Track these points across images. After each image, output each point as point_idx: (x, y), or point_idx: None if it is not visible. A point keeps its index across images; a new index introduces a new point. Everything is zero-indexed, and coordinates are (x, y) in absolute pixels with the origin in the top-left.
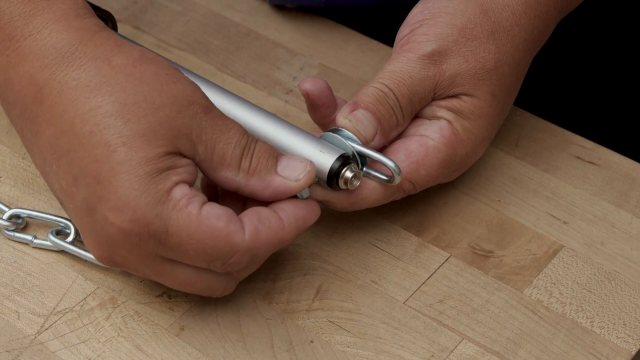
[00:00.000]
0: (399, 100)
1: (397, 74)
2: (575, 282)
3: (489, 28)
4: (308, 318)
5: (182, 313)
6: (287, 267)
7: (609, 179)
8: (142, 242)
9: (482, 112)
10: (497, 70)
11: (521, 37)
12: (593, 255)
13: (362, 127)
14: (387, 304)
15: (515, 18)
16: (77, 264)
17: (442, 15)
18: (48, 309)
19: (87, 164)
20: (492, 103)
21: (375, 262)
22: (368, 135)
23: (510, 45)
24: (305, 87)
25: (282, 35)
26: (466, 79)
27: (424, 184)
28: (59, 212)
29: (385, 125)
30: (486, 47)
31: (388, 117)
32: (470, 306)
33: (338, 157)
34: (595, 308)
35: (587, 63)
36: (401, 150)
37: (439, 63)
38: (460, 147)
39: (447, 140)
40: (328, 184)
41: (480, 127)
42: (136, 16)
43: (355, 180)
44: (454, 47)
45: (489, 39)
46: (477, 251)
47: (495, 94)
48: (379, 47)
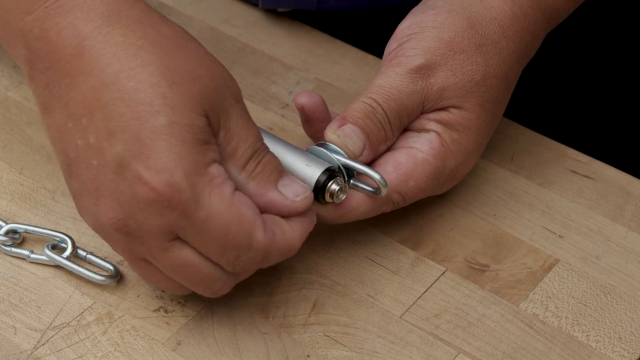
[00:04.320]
0: (388, 114)
1: (385, 89)
2: (571, 296)
3: (476, 41)
4: (304, 332)
5: (178, 327)
6: (283, 282)
7: (604, 193)
8: (168, 209)
9: (471, 123)
10: (485, 83)
11: (509, 49)
12: (588, 269)
13: (350, 142)
14: (383, 318)
15: (503, 30)
16: (74, 278)
17: (430, 29)
18: (45, 324)
19: (128, 120)
20: (481, 115)
21: (372, 277)
22: (356, 150)
23: (498, 57)
24: (301, 101)
25: (278, 49)
26: (454, 92)
27: (413, 195)
28: (55, 226)
29: (373, 139)
30: (474, 59)
31: (376, 131)
32: (466, 320)
33: (324, 170)
34: (591, 322)
35: (582, 77)
36: (389, 162)
37: (427, 77)
38: (450, 159)
39: (435, 152)
40: (314, 197)
41: (469, 138)
42: None
43: (341, 193)
44: (442, 61)
45: (477, 51)
46: (473, 265)
47: (484, 105)
48: (374, 62)
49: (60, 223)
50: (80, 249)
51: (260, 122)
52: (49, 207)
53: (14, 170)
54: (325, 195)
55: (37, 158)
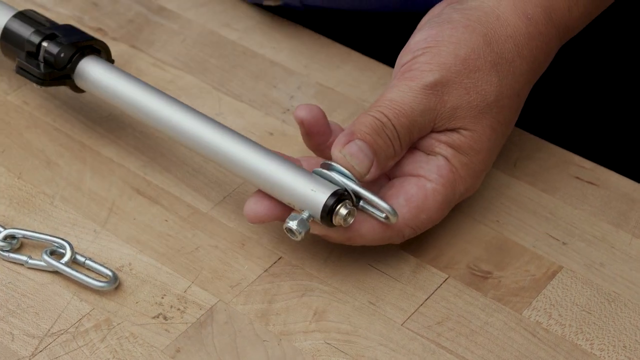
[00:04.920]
0: (398, 130)
1: (397, 104)
2: (574, 304)
3: (491, 59)
4: (305, 340)
5: (178, 335)
6: (283, 289)
7: (608, 199)
8: None
9: (482, 146)
10: (498, 103)
11: (522, 68)
12: (592, 277)
13: (357, 161)
14: (385, 326)
15: (518, 49)
16: (72, 285)
17: (446, 44)
18: (43, 330)
19: None
20: (492, 137)
21: (373, 284)
22: (363, 170)
23: (511, 77)
24: (300, 115)
25: (279, 53)
26: (466, 112)
27: (424, 227)
28: (54, 232)
29: (381, 156)
30: (488, 79)
31: (385, 147)
32: (468, 328)
33: (332, 193)
34: (595, 330)
35: (586, 82)
36: (400, 194)
37: (441, 94)
38: (460, 184)
39: (445, 181)
40: (322, 221)
41: (479, 161)
42: (132, 35)
43: (349, 217)
44: (456, 79)
45: (492, 70)
46: (476, 272)
47: (495, 127)
48: (377, 67)
49: (59, 228)
50: (78, 255)
51: (261, 127)
52: (48, 212)
53: (13, 174)
54: (334, 218)
55: (36, 163)
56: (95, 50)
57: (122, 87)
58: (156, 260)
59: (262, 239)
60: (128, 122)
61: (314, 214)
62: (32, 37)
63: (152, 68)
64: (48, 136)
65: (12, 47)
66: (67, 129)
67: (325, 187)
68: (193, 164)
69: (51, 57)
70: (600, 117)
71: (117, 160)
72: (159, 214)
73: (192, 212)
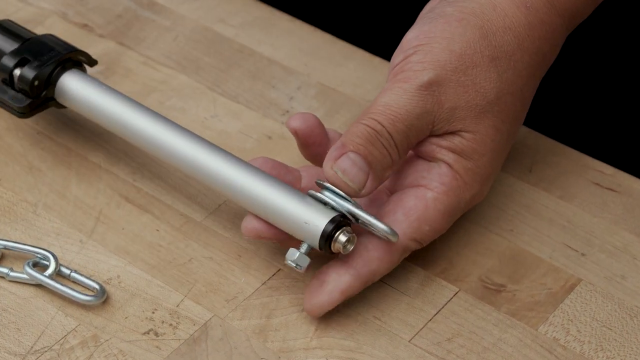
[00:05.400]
0: (394, 137)
1: (391, 108)
2: (594, 319)
3: (489, 54)
4: (306, 358)
5: (170, 352)
6: (282, 303)
7: (630, 207)
8: None
9: (485, 148)
10: (499, 101)
11: (524, 61)
12: (613, 290)
13: (350, 177)
14: (391, 342)
15: (518, 41)
16: (57, 299)
17: (439, 40)
18: (25, 347)
19: None
20: (496, 137)
21: (378, 297)
22: (357, 186)
23: (512, 72)
24: (294, 125)
25: (278, 51)
26: (466, 112)
27: (429, 239)
28: (37, 242)
29: (377, 168)
30: (487, 75)
31: (381, 158)
32: (480, 345)
33: (329, 221)
34: (616, 347)
35: (606, 83)
36: (398, 210)
37: (437, 94)
38: (465, 191)
39: (447, 189)
40: (322, 250)
41: (484, 165)
42: (120, 31)
43: (349, 244)
44: (453, 76)
45: (490, 65)
46: (488, 285)
47: (498, 126)
48: (381, 64)
49: (42, 239)
50: (63, 267)
51: (259, 129)
52: (30, 222)
53: None
54: (333, 246)
55: (17, 169)
56: (74, 62)
57: (104, 104)
58: (146, 272)
59: (259, 250)
60: None
61: (312, 242)
62: (3, 63)
63: (142, 67)
64: (30, 140)
65: None
66: (51, 132)
67: (321, 214)
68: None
69: (26, 87)
70: (621, 119)
71: (105, 166)
72: (150, 223)
73: (185, 221)
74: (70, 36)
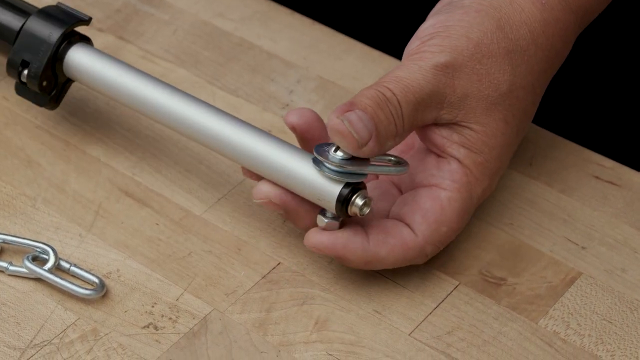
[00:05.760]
0: (402, 107)
1: (404, 80)
2: (594, 312)
3: (505, 46)
4: (306, 351)
5: (169, 346)
6: (282, 296)
7: (631, 201)
8: None
9: (495, 142)
10: (511, 94)
11: (537, 57)
12: (614, 283)
13: (355, 129)
14: (391, 336)
15: (532, 36)
16: (56, 293)
17: (457, 28)
18: (25, 341)
19: None
20: (505, 131)
21: (378, 291)
22: (361, 139)
23: (525, 66)
24: (291, 121)
25: (277, 45)
26: (477, 103)
27: (447, 241)
28: (36, 236)
29: (382, 132)
30: (501, 67)
31: (387, 123)
32: (481, 338)
33: (346, 183)
34: (617, 340)
35: (607, 76)
36: (416, 212)
37: (452, 77)
38: (476, 186)
39: (459, 186)
40: (337, 212)
41: (493, 159)
42: (120, 25)
43: (365, 207)
44: (468, 63)
45: (505, 58)
46: (489, 278)
47: (508, 120)
48: (381, 58)
49: (42, 233)
50: (63, 261)
51: (258, 123)
52: (29, 216)
53: None
54: (350, 209)
55: (17, 162)
56: (79, 36)
57: (113, 76)
58: (146, 266)
59: (259, 244)
60: (115, 119)
61: (329, 208)
62: (9, 69)
63: (141, 61)
64: (29, 134)
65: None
66: (50, 127)
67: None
68: (185, 164)
69: (37, 88)
70: (622, 113)
71: (104, 160)
72: (149, 217)
73: (185, 214)
74: None
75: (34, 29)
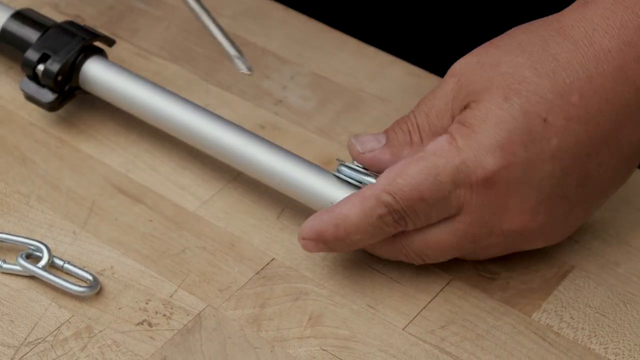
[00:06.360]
0: (417, 118)
1: None
2: (587, 306)
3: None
4: (300, 347)
5: (163, 342)
6: (276, 292)
7: (624, 195)
8: None
9: (487, 114)
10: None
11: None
12: (607, 277)
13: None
14: (385, 331)
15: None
16: (50, 290)
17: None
18: (19, 339)
19: None
20: (504, 106)
21: (372, 286)
22: (365, 149)
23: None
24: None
25: (271, 41)
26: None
27: (407, 195)
28: (30, 234)
29: (394, 142)
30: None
31: (402, 134)
32: (474, 332)
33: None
34: (610, 333)
35: None
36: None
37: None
38: (455, 155)
39: (435, 149)
40: None
41: (483, 131)
42: (113, 22)
43: None
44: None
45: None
46: (482, 273)
47: (508, 96)
48: (375, 54)
49: (35, 230)
50: (56, 258)
51: (252, 119)
52: (23, 213)
53: None
54: None
55: (10, 160)
56: (94, 48)
57: (129, 89)
58: (140, 263)
59: (253, 240)
60: (109, 116)
61: None
62: (26, 60)
63: (135, 58)
64: (23, 131)
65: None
66: (44, 124)
67: (346, 190)
68: (178, 160)
69: (51, 82)
70: None
71: (98, 157)
72: (143, 213)
73: (178, 211)
74: None
75: (62, 29)
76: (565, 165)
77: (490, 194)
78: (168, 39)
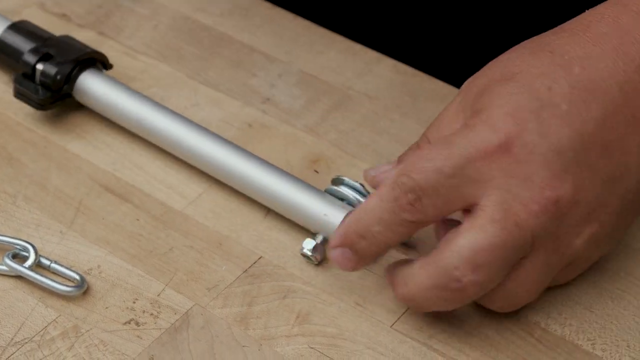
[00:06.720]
0: (428, 134)
1: None
2: (575, 302)
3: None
4: (288, 345)
5: (151, 341)
6: (264, 290)
7: None
8: None
9: (491, 94)
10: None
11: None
12: (595, 273)
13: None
14: (372, 328)
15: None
16: (37, 290)
17: None
18: (5, 339)
19: None
20: (509, 90)
21: (360, 283)
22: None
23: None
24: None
25: (259, 39)
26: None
27: (420, 169)
28: (16, 234)
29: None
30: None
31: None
32: (462, 329)
33: (349, 212)
34: (597, 329)
35: None
36: None
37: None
38: (468, 132)
39: (449, 134)
40: None
41: (492, 108)
42: (100, 21)
43: None
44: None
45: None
46: None
47: (511, 77)
48: (362, 51)
49: (22, 230)
50: (43, 258)
51: (239, 118)
52: (10, 213)
53: None
54: None
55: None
56: (92, 63)
57: (123, 104)
58: (127, 262)
59: (240, 238)
60: (96, 115)
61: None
62: (27, 57)
63: (122, 57)
64: (9, 131)
65: (6, 58)
66: (30, 123)
67: (339, 207)
68: (166, 160)
69: (49, 80)
70: None
71: (85, 156)
72: (130, 212)
73: (165, 210)
74: (50, 26)
75: (70, 38)
76: (582, 132)
77: (510, 162)
78: (156, 37)
